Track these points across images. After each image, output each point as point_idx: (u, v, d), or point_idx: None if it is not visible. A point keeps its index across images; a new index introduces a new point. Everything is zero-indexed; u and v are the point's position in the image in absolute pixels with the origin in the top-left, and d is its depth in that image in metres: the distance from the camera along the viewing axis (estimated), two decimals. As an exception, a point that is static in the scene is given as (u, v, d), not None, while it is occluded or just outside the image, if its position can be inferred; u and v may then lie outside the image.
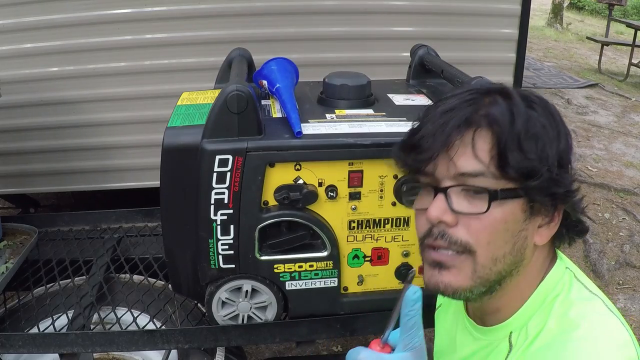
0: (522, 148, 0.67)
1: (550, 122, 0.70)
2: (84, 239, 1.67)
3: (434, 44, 1.43)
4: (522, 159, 0.67)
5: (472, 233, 0.70)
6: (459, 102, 0.71)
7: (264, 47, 1.85)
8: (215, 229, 1.08)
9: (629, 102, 5.57)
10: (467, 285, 0.72)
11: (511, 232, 0.70)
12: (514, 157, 0.67)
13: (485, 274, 0.71)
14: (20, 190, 2.18)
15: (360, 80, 1.22)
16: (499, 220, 0.69)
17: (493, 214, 0.69)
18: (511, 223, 0.70)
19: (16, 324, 1.36)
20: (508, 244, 0.70)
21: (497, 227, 0.69)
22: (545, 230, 0.73)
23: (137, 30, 1.93)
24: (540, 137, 0.68)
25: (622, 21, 7.33)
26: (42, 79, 1.96)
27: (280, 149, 1.05)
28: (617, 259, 2.95)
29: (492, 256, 0.70)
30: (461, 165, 0.69)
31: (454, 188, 0.70)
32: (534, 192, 0.69)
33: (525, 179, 0.68)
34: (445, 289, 0.73)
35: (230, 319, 1.20)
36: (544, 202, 0.70)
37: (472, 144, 0.69)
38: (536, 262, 0.75)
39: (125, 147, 2.08)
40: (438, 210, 0.70)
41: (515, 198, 0.69)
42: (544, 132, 0.69)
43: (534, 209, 0.71)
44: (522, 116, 0.68)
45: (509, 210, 0.69)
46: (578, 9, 11.72)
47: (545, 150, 0.68)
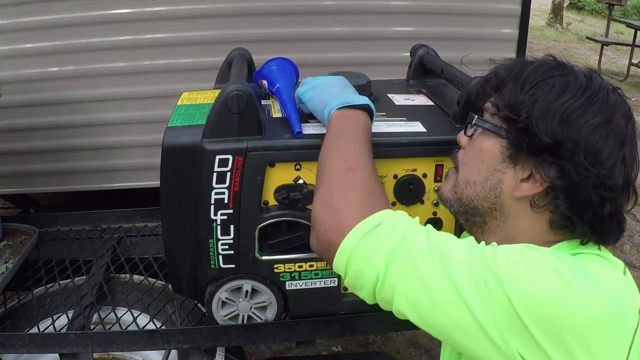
0: (513, 94, 0.78)
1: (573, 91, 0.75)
2: (84, 239, 1.67)
3: (434, 44, 1.43)
4: (506, 101, 0.78)
5: (463, 155, 0.87)
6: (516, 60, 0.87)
7: (264, 47, 1.85)
8: (215, 229, 1.08)
9: (629, 102, 5.57)
10: (447, 195, 0.88)
11: (486, 165, 0.81)
12: (501, 97, 0.79)
13: (459, 191, 0.85)
14: (20, 190, 2.18)
15: (360, 80, 1.22)
16: (475, 148, 0.83)
17: (475, 141, 0.83)
18: (487, 155, 0.81)
19: (16, 324, 1.36)
20: (481, 173, 0.81)
21: (472, 153, 0.83)
22: (525, 187, 0.78)
23: (137, 30, 1.93)
24: (538, 90, 0.76)
25: (622, 21, 7.34)
26: (42, 79, 1.95)
27: (281, 149, 1.05)
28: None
29: (466, 178, 0.84)
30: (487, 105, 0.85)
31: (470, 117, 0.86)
32: (510, 135, 0.77)
33: (507, 116, 0.78)
34: (438, 193, 0.95)
35: (230, 319, 1.20)
36: (519, 153, 0.77)
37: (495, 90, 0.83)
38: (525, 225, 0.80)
39: (125, 147, 2.08)
40: (460, 135, 0.89)
41: (494, 133, 0.80)
42: (545, 87, 0.75)
43: (513, 157, 0.78)
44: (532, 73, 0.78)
45: (488, 143, 0.81)
46: (578, 9, 11.73)
47: (536, 97, 0.75)
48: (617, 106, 0.77)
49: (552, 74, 0.77)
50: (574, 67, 0.80)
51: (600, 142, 0.73)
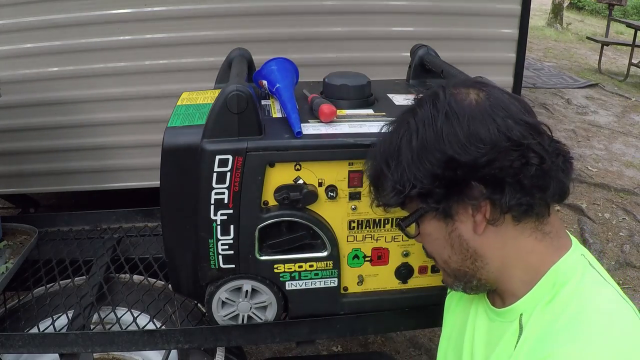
0: (385, 181, 0.81)
1: (411, 132, 0.78)
2: (84, 239, 1.67)
3: (434, 44, 1.43)
4: (386, 191, 0.81)
5: (425, 247, 0.90)
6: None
7: (264, 47, 1.85)
8: (215, 229, 1.08)
9: (629, 102, 5.57)
10: (450, 281, 0.88)
11: (442, 239, 0.82)
12: (381, 192, 0.84)
13: (450, 272, 0.86)
14: (20, 190, 2.18)
15: (360, 80, 1.22)
16: (425, 236, 0.85)
17: (421, 233, 0.85)
18: (435, 233, 0.82)
19: (16, 324, 1.36)
20: (446, 247, 0.83)
21: (427, 241, 0.86)
22: (480, 217, 0.77)
23: (137, 30, 1.93)
24: (402, 157, 0.78)
25: (622, 21, 7.34)
26: (42, 79, 1.96)
27: (280, 149, 1.05)
28: (617, 259, 2.95)
29: (442, 260, 0.85)
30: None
31: None
32: (426, 204, 0.79)
33: (420, 200, 0.79)
34: (447, 285, 0.91)
35: (230, 319, 1.20)
36: (439, 205, 0.78)
37: None
38: (518, 245, 0.79)
39: (125, 147, 2.08)
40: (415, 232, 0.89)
41: (420, 217, 0.82)
42: (399, 152, 0.79)
43: (445, 212, 0.79)
44: (383, 148, 0.82)
45: (427, 225, 0.83)
46: (578, 9, 11.72)
47: (401, 165, 0.78)
48: (457, 99, 0.77)
49: (392, 139, 0.81)
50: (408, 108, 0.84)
51: (468, 136, 0.74)
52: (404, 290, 1.22)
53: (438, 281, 1.12)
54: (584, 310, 0.71)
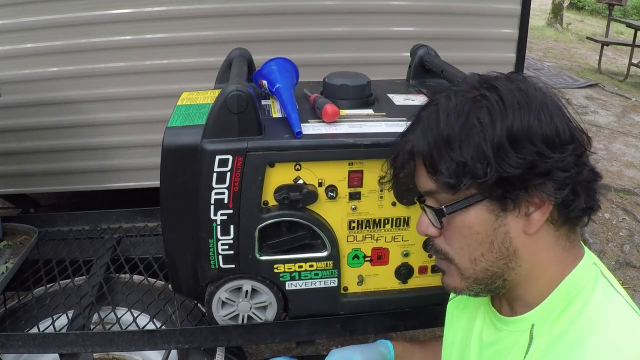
0: (447, 157, 0.71)
1: (494, 110, 0.70)
2: (84, 239, 1.67)
3: (434, 44, 1.43)
4: (451, 169, 0.71)
5: (448, 242, 0.78)
6: (407, 127, 0.80)
7: (264, 47, 1.85)
8: (215, 229, 1.08)
9: (629, 102, 5.57)
10: (462, 285, 0.79)
11: (484, 233, 0.74)
12: (443, 171, 0.72)
13: (471, 274, 0.77)
14: (20, 190, 2.18)
15: (360, 80, 1.22)
16: (463, 228, 0.75)
17: (457, 224, 0.75)
18: (479, 226, 0.74)
19: (16, 324, 1.36)
20: (484, 244, 0.74)
21: (464, 234, 0.75)
22: (536, 217, 0.73)
23: (137, 30, 1.93)
24: (471, 136, 0.70)
25: (622, 21, 7.34)
26: (42, 79, 1.95)
27: (280, 149, 1.05)
28: (617, 259, 2.95)
29: (469, 258, 0.76)
30: (421, 185, 0.79)
31: (423, 206, 0.80)
32: (487, 192, 0.71)
33: (470, 185, 0.71)
34: (447, 288, 0.83)
35: (230, 319, 1.20)
36: (505, 197, 0.71)
37: (424, 166, 0.76)
38: (542, 247, 0.75)
39: (125, 147, 2.07)
40: (422, 226, 0.80)
41: (469, 205, 0.73)
42: (478, 128, 0.70)
43: (503, 205, 0.72)
44: (448, 123, 0.72)
45: (472, 216, 0.74)
46: (578, 9, 11.72)
47: (479, 147, 0.69)
48: (530, 89, 0.75)
49: (468, 114, 0.71)
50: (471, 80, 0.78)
51: (551, 129, 0.71)
52: (404, 290, 1.22)
53: (438, 281, 1.12)
54: (594, 323, 0.70)
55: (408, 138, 0.78)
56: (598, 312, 0.71)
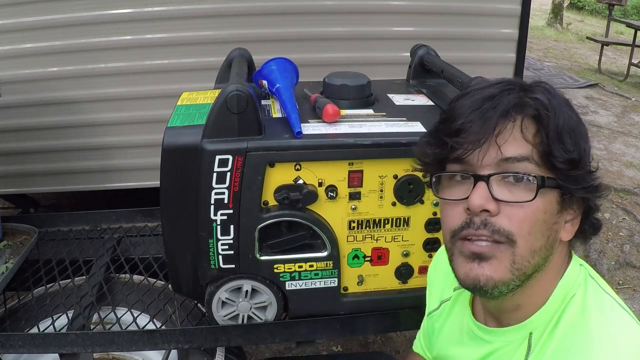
0: (563, 138, 0.68)
1: (575, 114, 0.73)
2: (84, 239, 1.67)
3: (434, 44, 1.43)
4: (565, 150, 0.68)
5: (515, 222, 0.68)
6: (498, 91, 0.71)
7: (264, 47, 1.85)
8: (215, 229, 1.08)
9: (629, 102, 5.57)
10: (506, 278, 0.70)
11: (548, 224, 0.70)
12: (557, 147, 0.67)
13: (524, 266, 0.69)
14: (20, 190, 2.18)
15: (360, 80, 1.22)
16: (540, 210, 0.68)
17: (536, 203, 0.68)
18: (549, 214, 0.69)
19: (16, 324, 1.36)
20: (544, 236, 0.70)
21: (538, 217, 0.69)
22: (571, 226, 0.74)
23: (137, 30, 1.93)
24: (576, 132, 0.70)
25: (622, 21, 7.33)
26: (42, 79, 1.95)
27: (280, 149, 1.05)
28: (617, 259, 2.95)
29: (531, 247, 0.69)
30: (507, 150, 0.68)
31: (496, 176, 0.69)
32: (572, 184, 0.69)
33: (567, 170, 0.68)
34: (486, 282, 0.70)
35: (230, 319, 1.20)
36: (578, 195, 0.71)
37: (520, 129, 0.68)
38: (558, 258, 0.75)
39: (125, 147, 2.07)
40: (481, 199, 0.68)
41: (555, 188, 0.69)
42: (578, 128, 0.71)
43: (565, 202, 0.71)
44: (562, 109, 0.70)
45: (548, 201, 0.69)
46: (578, 9, 11.72)
47: (579, 144, 0.70)
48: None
49: (571, 115, 0.72)
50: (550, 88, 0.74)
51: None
52: (404, 290, 1.22)
53: (438, 281, 1.12)
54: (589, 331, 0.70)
55: (522, 98, 0.70)
56: (594, 318, 0.71)
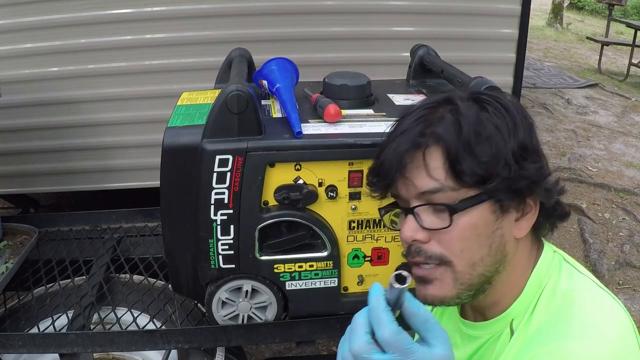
0: (474, 153, 0.69)
1: (504, 118, 0.72)
2: (84, 239, 1.67)
3: (434, 44, 1.43)
4: (475, 164, 0.69)
5: (445, 245, 0.73)
6: (409, 123, 0.75)
7: (264, 47, 1.85)
8: (215, 229, 1.08)
9: (629, 102, 5.57)
10: (452, 293, 0.75)
11: (484, 235, 0.72)
12: (466, 165, 0.69)
13: (467, 279, 0.74)
14: (20, 190, 2.18)
15: (360, 80, 1.22)
16: (467, 228, 0.72)
17: (460, 224, 0.71)
18: (481, 227, 0.72)
19: (16, 324, 1.36)
20: (483, 247, 0.73)
21: (466, 235, 0.72)
22: (524, 222, 0.75)
23: (137, 30, 1.93)
24: (492, 137, 0.70)
25: (622, 21, 7.33)
26: (42, 79, 1.96)
27: (280, 149, 1.05)
28: (617, 259, 2.95)
29: (469, 262, 0.73)
30: (420, 184, 0.72)
31: (421, 207, 0.73)
32: (497, 193, 0.71)
33: (484, 183, 0.70)
34: (432, 301, 0.76)
35: (230, 319, 1.20)
36: (511, 199, 0.72)
37: (424, 164, 0.72)
38: (523, 252, 0.77)
39: (125, 147, 2.08)
40: (410, 230, 0.74)
41: (478, 204, 0.71)
42: (496, 131, 0.70)
43: (503, 207, 0.73)
44: (469, 123, 0.70)
45: (477, 216, 0.72)
46: (578, 9, 11.72)
47: (499, 148, 0.70)
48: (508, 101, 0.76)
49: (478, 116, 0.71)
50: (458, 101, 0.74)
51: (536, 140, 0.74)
52: (404, 290, 1.21)
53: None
54: (566, 307, 0.72)
55: (420, 130, 0.72)
56: (569, 298, 0.73)
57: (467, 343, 0.85)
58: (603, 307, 0.72)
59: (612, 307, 0.73)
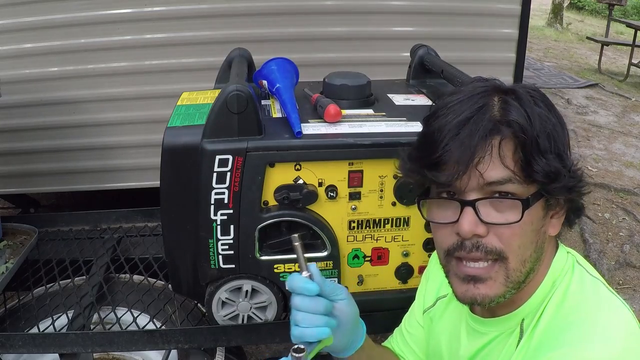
0: (542, 150, 0.68)
1: (554, 116, 0.72)
2: (84, 239, 1.67)
3: (434, 44, 1.43)
4: (545, 162, 0.68)
5: (504, 240, 0.71)
6: (470, 110, 0.70)
7: (264, 47, 1.85)
8: (215, 229, 1.08)
9: (629, 102, 5.57)
10: (501, 291, 0.73)
11: (536, 232, 0.72)
12: (538, 161, 0.68)
13: (517, 277, 0.73)
14: (20, 190, 2.18)
15: (360, 80, 1.22)
16: (527, 224, 0.71)
17: (523, 220, 0.70)
18: (536, 223, 0.72)
19: (16, 324, 1.36)
20: (533, 243, 0.73)
21: (525, 230, 0.71)
22: (557, 220, 0.75)
23: (137, 30, 1.93)
24: (553, 135, 0.70)
25: (622, 21, 7.33)
26: (42, 79, 1.95)
27: (280, 149, 1.05)
28: (617, 259, 2.95)
29: (522, 258, 0.72)
30: (489, 175, 0.69)
31: (487, 200, 0.70)
32: (556, 190, 0.71)
33: (550, 181, 0.69)
34: (483, 299, 0.74)
35: (230, 319, 1.20)
36: (562, 197, 0.72)
37: (499, 154, 0.69)
38: (547, 253, 0.77)
39: (125, 147, 2.08)
40: (470, 225, 0.70)
41: (540, 199, 0.71)
42: (554, 129, 0.71)
43: (550, 204, 0.73)
44: (536, 116, 0.69)
45: (535, 212, 0.71)
46: (578, 9, 11.72)
47: (559, 147, 0.70)
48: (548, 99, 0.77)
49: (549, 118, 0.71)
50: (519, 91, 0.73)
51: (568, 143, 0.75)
52: (404, 290, 1.22)
53: (438, 281, 1.12)
54: (577, 311, 0.72)
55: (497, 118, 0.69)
56: (579, 300, 0.73)
57: (473, 339, 0.84)
58: (613, 312, 0.72)
59: (622, 311, 0.72)
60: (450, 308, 0.92)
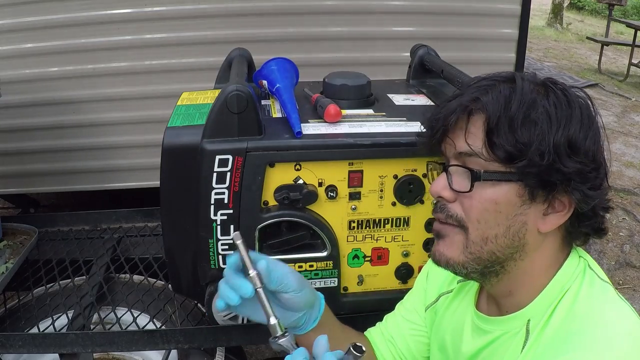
0: (514, 131, 0.70)
1: (562, 110, 0.72)
2: (84, 239, 1.67)
3: (434, 44, 1.43)
4: (510, 141, 0.70)
5: (465, 209, 0.76)
6: (470, 89, 0.77)
7: (264, 47, 1.85)
8: (215, 229, 1.08)
9: (629, 102, 5.57)
10: (460, 259, 0.77)
11: (505, 215, 0.74)
12: (502, 139, 0.71)
13: (477, 250, 0.76)
14: (20, 190, 2.18)
15: (360, 80, 1.22)
16: (488, 201, 0.74)
17: (482, 194, 0.74)
18: (504, 205, 0.73)
19: (16, 324, 1.36)
20: (501, 226, 0.74)
21: (486, 207, 0.74)
22: (552, 219, 0.74)
23: (137, 30, 1.93)
24: (539, 122, 0.70)
25: (622, 21, 7.34)
26: (42, 79, 1.95)
27: (280, 149, 1.05)
28: (617, 259, 2.95)
29: (483, 235, 0.75)
30: (458, 145, 0.76)
31: (454, 167, 0.76)
32: (526, 177, 0.71)
33: (514, 162, 0.71)
34: (439, 257, 0.79)
35: (230, 319, 1.20)
36: (540, 188, 0.72)
37: (465, 127, 0.75)
38: (548, 249, 0.77)
39: (125, 147, 2.08)
40: (437, 186, 0.78)
41: (505, 181, 0.73)
42: (546, 118, 0.71)
43: (534, 195, 0.73)
44: (521, 102, 0.71)
45: (501, 193, 0.73)
46: (578, 9, 11.72)
47: (542, 135, 0.70)
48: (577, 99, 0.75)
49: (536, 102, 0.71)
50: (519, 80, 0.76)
51: (596, 148, 0.73)
52: (404, 290, 1.21)
53: (438, 281, 1.12)
54: (587, 316, 0.71)
55: (474, 96, 0.74)
56: (587, 306, 0.73)
57: (477, 336, 0.84)
58: (623, 318, 0.72)
59: (630, 317, 0.72)
60: (454, 304, 0.93)
